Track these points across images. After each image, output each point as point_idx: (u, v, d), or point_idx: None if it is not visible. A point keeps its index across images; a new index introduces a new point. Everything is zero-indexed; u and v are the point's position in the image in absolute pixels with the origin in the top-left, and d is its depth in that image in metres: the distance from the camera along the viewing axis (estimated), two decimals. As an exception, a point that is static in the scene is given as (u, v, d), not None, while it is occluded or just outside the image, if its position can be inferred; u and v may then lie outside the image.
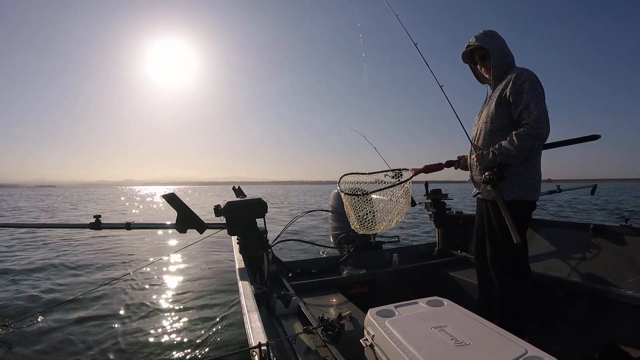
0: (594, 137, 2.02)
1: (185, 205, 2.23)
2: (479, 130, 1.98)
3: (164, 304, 3.99)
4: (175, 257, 6.33)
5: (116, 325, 3.40)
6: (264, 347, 0.94)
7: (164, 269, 5.65)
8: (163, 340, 3.10)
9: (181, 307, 3.91)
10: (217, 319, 3.52)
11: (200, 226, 2.26)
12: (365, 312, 1.41)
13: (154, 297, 4.26)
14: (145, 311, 3.78)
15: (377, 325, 1.27)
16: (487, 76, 1.99)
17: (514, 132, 1.74)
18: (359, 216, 2.10)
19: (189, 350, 2.92)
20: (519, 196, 1.79)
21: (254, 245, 2.19)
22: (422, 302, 1.44)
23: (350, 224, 2.20)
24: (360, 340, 1.37)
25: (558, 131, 2.23)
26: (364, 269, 2.81)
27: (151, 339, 3.12)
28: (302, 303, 1.97)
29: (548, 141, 1.85)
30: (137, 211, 20.58)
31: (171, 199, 2.18)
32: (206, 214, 2.46)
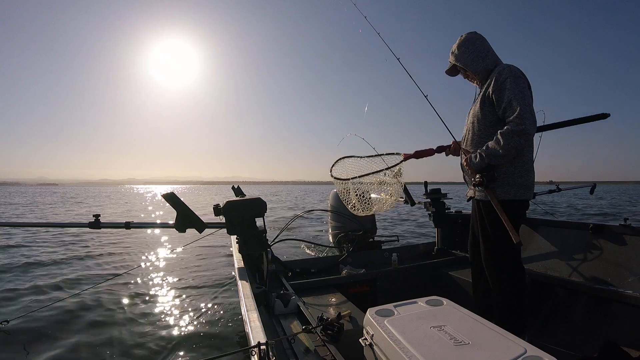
0: (603, 116, 1.94)
1: (185, 204, 2.22)
2: (467, 131, 1.99)
3: (163, 304, 3.99)
4: (175, 257, 6.33)
5: (114, 325, 3.40)
6: (263, 347, 0.94)
7: (163, 268, 5.65)
8: (162, 339, 3.10)
9: (180, 306, 3.91)
10: (216, 319, 3.52)
11: (200, 225, 2.25)
12: (365, 312, 1.41)
13: (153, 296, 4.25)
14: (144, 310, 3.78)
15: (376, 325, 1.27)
16: (474, 83, 2.03)
17: (499, 132, 1.73)
18: (356, 195, 2.15)
19: (188, 350, 2.91)
20: (510, 195, 1.79)
21: (254, 244, 2.19)
22: (421, 302, 1.44)
23: (349, 207, 2.25)
24: (360, 340, 1.36)
25: (557, 129, 2.23)
26: (364, 268, 2.81)
27: (150, 339, 3.12)
28: (302, 302, 1.96)
29: (554, 121, 1.86)
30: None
31: (171, 198, 2.18)
32: (204, 210, 2.46)
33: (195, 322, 3.45)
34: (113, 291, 4.33)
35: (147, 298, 4.17)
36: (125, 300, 4.07)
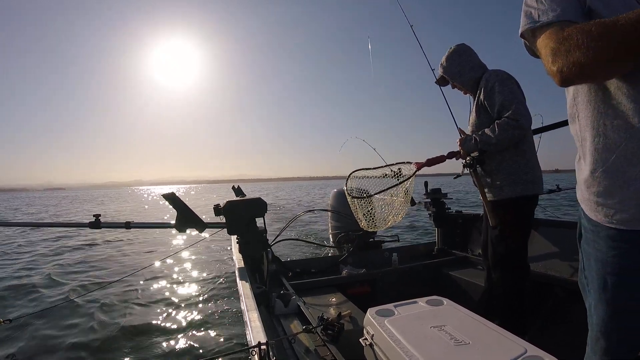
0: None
1: (185, 204, 2.22)
2: None
3: (164, 304, 3.99)
4: (175, 257, 6.33)
5: (116, 325, 3.40)
6: (263, 347, 0.94)
7: (164, 269, 5.65)
8: (163, 339, 3.10)
9: (181, 306, 3.91)
10: (217, 319, 3.52)
11: (200, 226, 2.25)
12: (365, 312, 1.41)
13: (154, 297, 4.26)
14: (145, 311, 3.79)
15: (376, 325, 1.27)
16: (463, 92, 2.08)
17: (496, 121, 1.79)
18: (364, 214, 2.13)
19: (189, 349, 2.92)
20: (517, 193, 1.82)
21: (254, 244, 2.19)
22: (421, 302, 1.44)
23: (358, 222, 2.23)
24: (360, 340, 1.36)
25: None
26: (364, 268, 2.81)
27: (151, 338, 3.12)
28: (302, 302, 1.96)
29: (554, 121, 1.88)
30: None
31: (171, 198, 2.18)
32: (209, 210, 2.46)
33: (195, 322, 3.45)
34: (113, 292, 4.34)
35: (147, 298, 4.18)
36: (126, 301, 4.08)
